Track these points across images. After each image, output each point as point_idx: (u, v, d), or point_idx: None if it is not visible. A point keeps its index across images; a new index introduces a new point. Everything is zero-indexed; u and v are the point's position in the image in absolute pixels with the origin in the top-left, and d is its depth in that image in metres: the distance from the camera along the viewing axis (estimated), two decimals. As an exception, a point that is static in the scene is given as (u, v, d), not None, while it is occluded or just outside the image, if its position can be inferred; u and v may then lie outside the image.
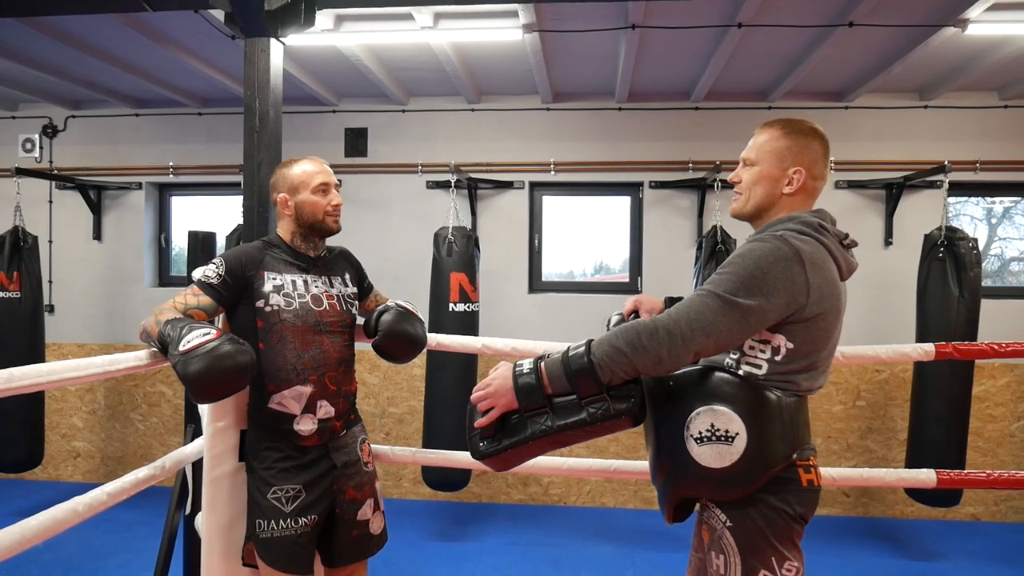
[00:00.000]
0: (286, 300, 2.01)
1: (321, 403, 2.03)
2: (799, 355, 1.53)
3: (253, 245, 2.11)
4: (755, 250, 1.50)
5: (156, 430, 5.24)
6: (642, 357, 1.45)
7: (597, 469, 2.46)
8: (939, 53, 3.90)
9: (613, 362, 1.46)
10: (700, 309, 1.46)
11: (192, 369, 1.63)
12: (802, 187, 1.64)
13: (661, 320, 1.47)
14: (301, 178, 2.10)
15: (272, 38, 2.76)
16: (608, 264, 5.39)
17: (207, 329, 1.74)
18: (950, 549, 4.23)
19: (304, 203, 2.09)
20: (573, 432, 1.52)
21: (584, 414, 1.50)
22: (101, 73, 4.56)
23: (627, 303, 1.99)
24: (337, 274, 2.19)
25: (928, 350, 2.24)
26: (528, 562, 3.98)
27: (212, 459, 1.98)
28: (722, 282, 1.47)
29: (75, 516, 1.47)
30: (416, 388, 4.99)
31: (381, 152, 5.06)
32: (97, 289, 5.31)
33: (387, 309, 2.23)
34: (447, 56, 4.01)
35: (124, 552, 3.92)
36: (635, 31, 3.57)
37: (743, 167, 1.73)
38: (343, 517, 2.08)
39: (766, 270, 1.46)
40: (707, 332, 1.45)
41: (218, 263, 1.99)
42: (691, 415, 1.52)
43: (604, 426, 1.51)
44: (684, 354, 1.45)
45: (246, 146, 2.77)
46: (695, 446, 1.51)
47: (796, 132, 1.66)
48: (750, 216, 1.71)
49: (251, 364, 1.73)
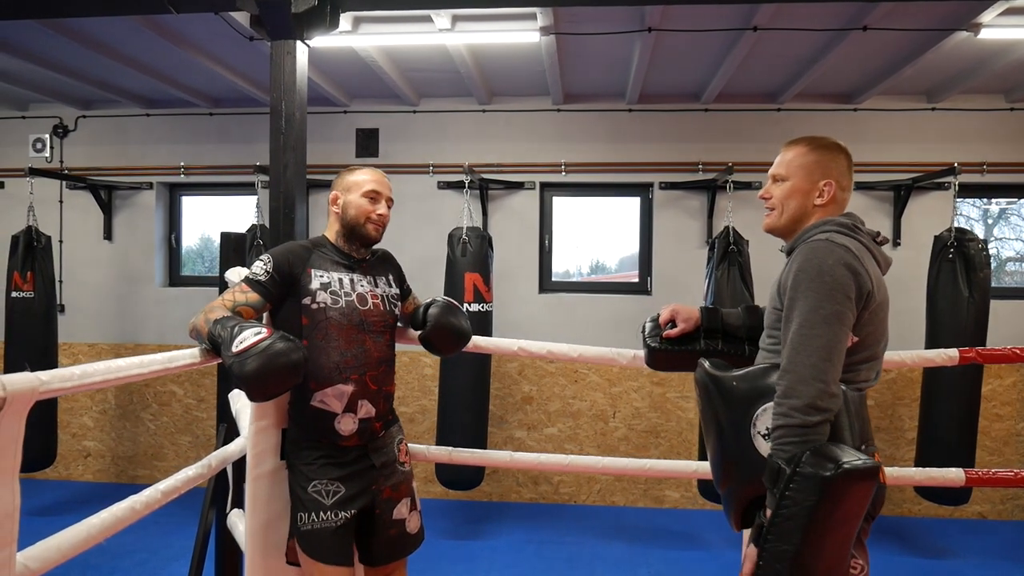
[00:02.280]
0: (333, 298, 2.04)
1: (362, 402, 2.05)
2: (863, 346, 1.60)
3: (299, 243, 2.14)
4: (809, 260, 1.56)
5: (167, 429, 5.26)
6: (798, 417, 1.48)
7: (605, 468, 2.47)
8: (950, 56, 3.94)
9: (787, 445, 1.49)
10: (804, 344, 1.52)
11: (248, 369, 1.66)
12: (832, 198, 1.73)
13: (784, 381, 1.52)
14: (356, 181, 2.14)
15: (298, 40, 2.78)
16: (617, 264, 5.42)
17: (258, 328, 1.76)
18: (958, 547, 4.28)
19: (351, 203, 2.12)
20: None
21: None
22: (113, 73, 4.58)
23: (664, 311, 2.07)
24: (381, 275, 2.22)
25: (952, 355, 2.28)
26: (542, 560, 4.01)
27: (254, 457, 2.00)
28: (802, 306, 1.54)
29: (134, 514, 1.51)
30: (427, 387, 5.02)
31: (392, 153, 5.08)
32: (107, 289, 5.32)
33: (434, 303, 2.27)
34: (462, 57, 4.04)
35: (140, 551, 3.94)
36: (650, 34, 3.60)
37: (773, 183, 1.80)
38: (381, 516, 2.10)
39: (831, 273, 1.53)
40: (827, 356, 1.50)
41: (266, 260, 2.02)
42: (757, 411, 1.57)
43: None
44: (826, 386, 1.49)
45: (272, 148, 2.80)
46: (763, 442, 1.56)
47: (822, 147, 1.76)
48: (784, 230, 1.79)
49: (303, 361, 1.75)
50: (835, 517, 1.41)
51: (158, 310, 5.28)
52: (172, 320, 5.21)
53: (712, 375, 1.69)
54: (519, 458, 2.31)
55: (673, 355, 2.04)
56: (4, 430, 1.02)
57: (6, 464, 1.05)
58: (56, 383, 1.16)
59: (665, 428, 4.91)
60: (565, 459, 2.28)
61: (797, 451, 1.45)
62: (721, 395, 1.65)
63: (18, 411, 1.05)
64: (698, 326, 2.02)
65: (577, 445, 4.97)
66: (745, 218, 4.62)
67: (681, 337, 2.02)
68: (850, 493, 1.40)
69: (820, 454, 1.42)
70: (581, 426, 4.97)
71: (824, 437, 1.49)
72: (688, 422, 4.89)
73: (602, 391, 4.95)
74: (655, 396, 4.92)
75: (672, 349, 2.03)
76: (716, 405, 1.66)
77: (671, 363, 2.08)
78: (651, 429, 4.92)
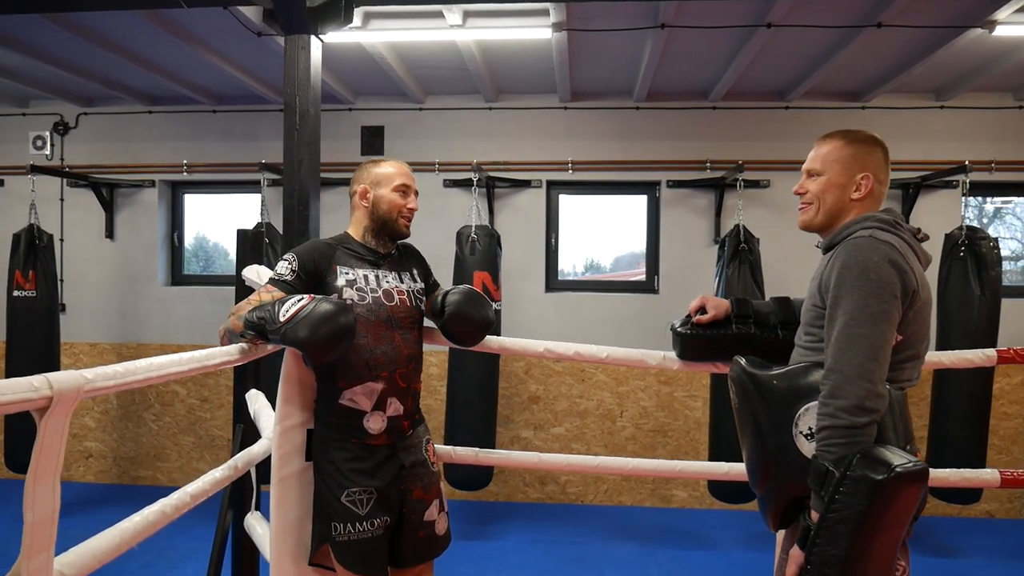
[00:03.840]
0: (359, 294, 2.00)
1: (391, 400, 2.02)
2: (907, 345, 1.57)
3: (322, 241, 2.11)
4: (854, 257, 1.53)
5: (169, 430, 5.20)
6: (845, 418, 1.45)
7: (612, 467, 2.44)
8: (961, 54, 3.93)
9: (833, 447, 1.46)
10: (851, 343, 1.49)
11: (302, 334, 1.68)
12: (870, 192, 1.68)
13: (830, 381, 1.49)
14: (385, 175, 2.11)
15: (312, 35, 2.75)
16: (614, 262, 5.40)
17: (298, 296, 1.77)
18: (966, 546, 4.27)
19: (382, 197, 2.09)
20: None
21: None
22: (116, 69, 4.52)
23: (694, 302, 2.05)
24: (406, 269, 2.18)
25: (991, 355, 2.25)
26: (551, 560, 3.98)
27: (280, 458, 1.95)
28: (846, 305, 1.51)
29: (164, 517, 1.48)
30: (432, 387, 4.98)
31: (398, 150, 5.04)
32: (109, 288, 5.26)
33: (452, 290, 2.20)
34: (471, 54, 4.01)
35: (146, 554, 3.89)
36: (663, 31, 3.58)
37: (808, 178, 1.76)
38: (410, 517, 2.06)
39: (877, 270, 1.50)
40: (873, 355, 1.48)
41: (290, 259, 1.98)
42: (799, 411, 1.54)
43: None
44: (874, 386, 1.46)
45: (286, 144, 2.76)
46: (805, 442, 1.53)
47: (858, 140, 1.72)
48: (821, 226, 1.75)
49: (352, 317, 1.81)
50: (885, 521, 1.39)
51: (161, 309, 5.22)
52: (175, 319, 5.16)
53: (750, 373, 1.65)
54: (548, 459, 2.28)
55: (705, 341, 2.02)
56: (50, 429, 1.00)
57: (49, 464, 1.02)
58: (100, 381, 1.13)
59: (672, 427, 4.89)
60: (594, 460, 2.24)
61: (844, 453, 1.43)
62: (760, 394, 1.61)
63: (64, 410, 1.02)
64: (728, 314, 2.01)
65: (584, 445, 4.94)
66: (755, 216, 4.61)
67: (712, 324, 2.01)
68: (901, 496, 1.38)
69: (871, 457, 1.40)
70: (588, 425, 4.94)
71: (871, 438, 1.46)
72: (695, 421, 4.87)
73: (609, 390, 4.93)
74: (662, 395, 4.90)
75: (704, 334, 2.01)
76: (754, 404, 1.62)
77: (703, 350, 2.06)
78: (658, 428, 4.90)
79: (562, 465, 2.35)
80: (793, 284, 3.16)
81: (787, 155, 4.70)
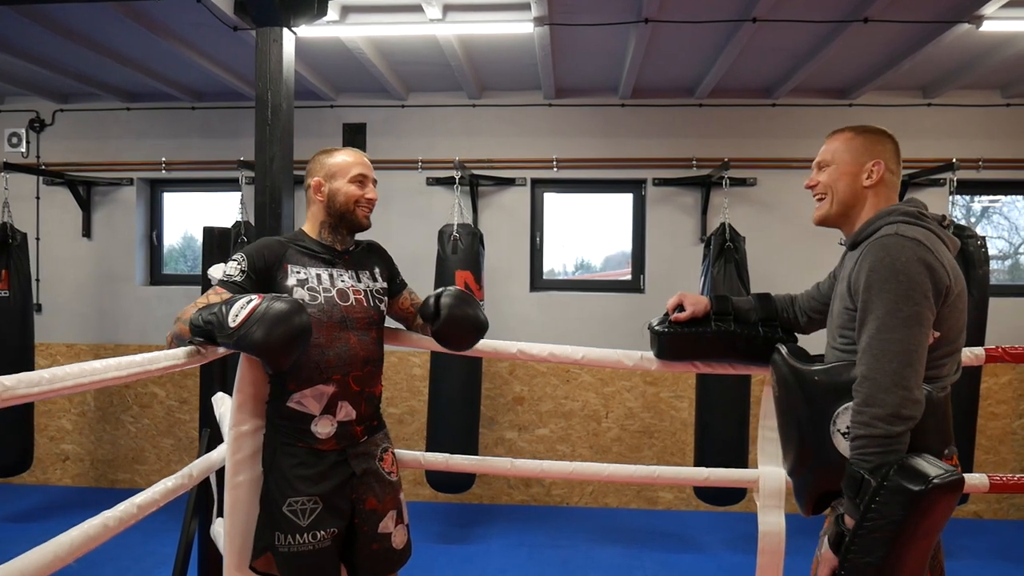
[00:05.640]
0: (311, 295, 1.91)
1: (342, 404, 1.93)
2: (945, 341, 1.53)
3: (274, 239, 2.02)
4: (881, 259, 1.50)
5: (148, 432, 5.11)
6: (881, 427, 1.43)
7: (612, 475, 2.38)
8: (948, 51, 3.89)
9: (869, 456, 1.45)
10: (884, 349, 1.46)
11: (257, 337, 1.59)
12: (881, 179, 1.67)
13: (864, 389, 1.47)
14: (340, 165, 2.01)
15: (284, 28, 2.67)
16: (605, 262, 5.34)
17: (247, 297, 1.68)
18: (955, 547, 4.22)
19: (338, 190, 1.99)
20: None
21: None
22: (92, 64, 4.43)
23: (672, 299, 2.01)
24: (365, 268, 2.08)
25: (978, 354, 2.19)
26: (535, 565, 3.92)
27: (234, 464, 1.87)
28: (877, 309, 1.48)
29: (107, 531, 1.38)
30: (416, 388, 4.91)
31: (380, 148, 4.96)
32: (86, 288, 5.16)
33: (445, 291, 2.08)
34: (452, 49, 3.93)
35: (122, 558, 3.81)
36: (647, 25, 3.52)
37: (818, 171, 1.76)
38: (362, 528, 1.97)
39: (906, 271, 1.47)
40: (908, 360, 1.45)
41: (239, 259, 1.89)
42: (838, 409, 1.54)
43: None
44: (909, 392, 1.44)
45: (257, 140, 2.69)
46: (842, 440, 1.53)
47: (868, 131, 1.73)
48: (837, 217, 1.73)
49: (307, 316, 1.72)
50: (920, 531, 1.39)
51: (139, 309, 5.13)
52: (153, 320, 5.07)
53: (793, 367, 1.64)
54: (520, 465, 2.19)
55: (683, 339, 1.97)
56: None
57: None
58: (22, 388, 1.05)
59: (659, 428, 4.84)
60: (569, 466, 2.17)
61: (880, 461, 1.42)
62: (801, 388, 1.62)
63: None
64: (707, 311, 1.97)
65: (569, 446, 4.88)
66: (741, 214, 4.55)
67: (690, 321, 1.96)
68: (937, 507, 1.38)
69: (907, 468, 1.39)
70: (573, 427, 4.88)
71: (907, 446, 1.44)
72: (682, 422, 4.81)
73: (594, 391, 4.87)
74: (648, 396, 4.84)
75: (682, 332, 1.96)
76: (795, 397, 1.63)
77: (682, 349, 2.00)
78: (644, 429, 4.84)
79: (535, 471, 2.27)
80: (779, 282, 3.11)
81: (774, 153, 4.65)
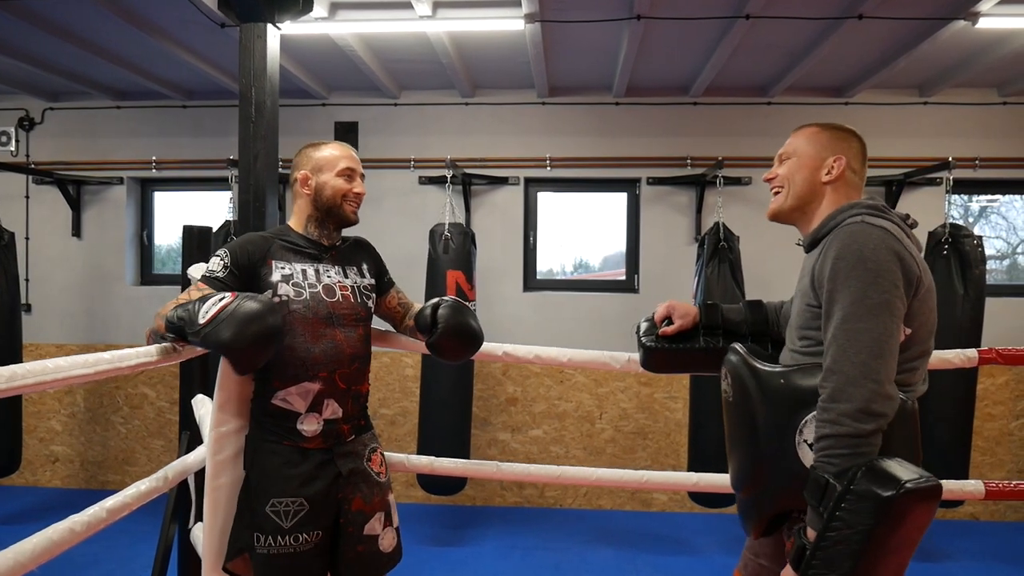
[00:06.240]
0: (296, 290, 1.88)
1: (328, 402, 1.89)
2: (917, 340, 1.43)
3: (258, 234, 1.98)
4: (848, 246, 1.40)
5: (138, 433, 5.07)
6: (849, 425, 1.31)
7: (599, 480, 2.33)
8: (944, 48, 3.85)
9: (835, 458, 1.32)
10: (851, 339, 1.35)
11: (224, 336, 1.55)
12: (842, 176, 1.59)
13: (831, 383, 1.35)
14: (327, 159, 1.98)
15: (269, 24, 2.63)
16: (602, 262, 5.30)
17: (220, 295, 1.64)
18: (952, 549, 4.19)
19: (325, 184, 1.96)
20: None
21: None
22: (81, 63, 4.38)
23: (659, 309, 1.90)
24: (352, 264, 2.05)
25: (971, 356, 2.15)
26: (528, 568, 3.88)
27: (215, 466, 1.83)
28: (843, 298, 1.37)
29: (73, 536, 1.34)
30: (408, 389, 4.87)
31: (372, 147, 4.92)
32: (76, 288, 5.12)
33: (442, 302, 2.04)
34: (444, 47, 3.89)
35: (107, 561, 3.76)
36: (639, 22, 3.47)
37: (779, 164, 1.68)
38: (347, 529, 1.92)
39: (874, 258, 1.37)
40: (878, 351, 1.33)
41: (223, 255, 1.86)
42: (806, 417, 1.40)
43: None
44: (880, 386, 1.32)
45: (241, 137, 2.64)
46: (808, 452, 1.38)
47: (834, 128, 1.66)
48: (791, 211, 1.64)
49: (279, 317, 1.68)
50: (892, 543, 1.24)
51: (129, 309, 5.09)
52: (144, 320, 4.95)
53: (752, 367, 1.50)
54: (506, 469, 2.16)
55: (671, 354, 1.85)
56: None
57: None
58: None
59: (653, 429, 4.80)
60: (556, 470, 2.13)
61: (848, 464, 1.28)
62: (763, 392, 1.46)
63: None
64: (696, 323, 1.84)
65: (563, 447, 4.84)
66: (735, 214, 4.51)
67: (678, 335, 1.84)
68: (911, 515, 1.23)
69: (877, 470, 1.25)
70: (567, 428, 4.84)
71: (878, 448, 1.31)
72: (676, 423, 4.77)
73: (588, 392, 4.83)
74: (642, 397, 4.80)
75: (669, 348, 1.84)
76: (753, 402, 1.47)
77: (669, 363, 1.89)
78: (638, 431, 4.80)
79: (521, 475, 2.23)
80: (773, 282, 3.08)
81: (769, 151, 4.54)
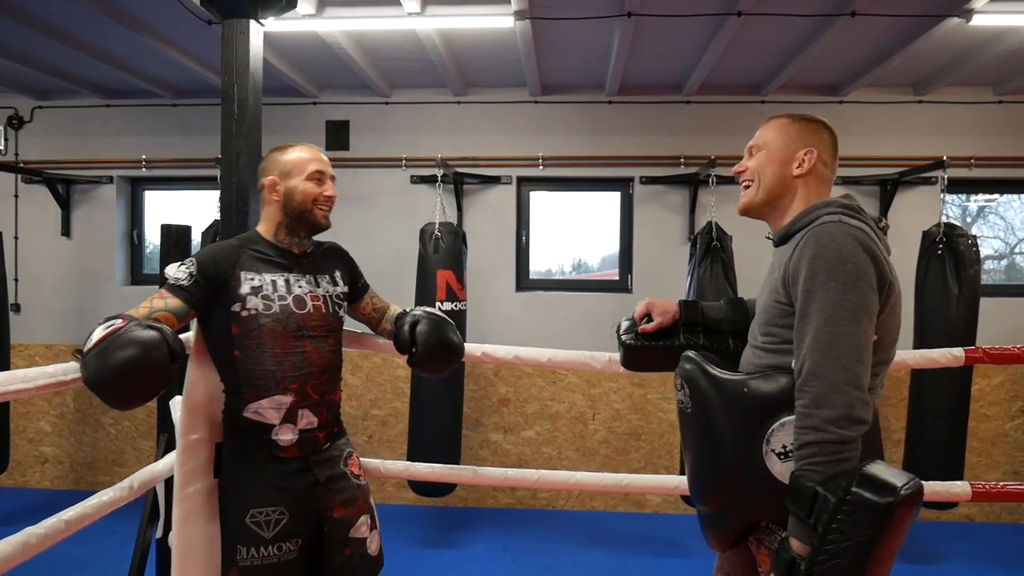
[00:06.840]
0: (265, 303, 1.83)
1: (302, 412, 1.85)
2: (882, 345, 1.40)
3: (228, 243, 1.93)
4: (826, 245, 1.36)
5: (128, 435, 5.03)
6: (833, 432, 1.27)
7: (579, 484, 2.29)
8: (938, 46, 3.82)
9: (819, 465, 1.28)
10: (833, 344, 1.30)
11: (89, 373, 1.44)
12: (813, 169, 1.55)
13: (813, 388, 1.30)
14: (295, 163, 1.92)
15: (251, 20, 2.59)
16: (594, 261, 5.26)
17: (112, 321, 1.54)
18: (948, 551, 4.16)
19: (295, 189, 1.90)
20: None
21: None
22: (70, 61, 4.35)
23: (638, 307, 1.86)
24: (325, 272, 2.00)
25: (957, 355, 2.11)
26: (520, 570, 3.84)
27: (184, 475, 1.79)
28: (823, 300, 1.33)
29: (27, 548, 1.28)
30: (400, 390, 4.83)
31: (364, 146, 4.89)
32: (66, 287, 5.08)
33: (419, 319, 2.01)
34: (433, 44, 3.86)
35: (94, 563, 3.73)
36: (630, 19, 3.44)
37: (748, 156, 1.64)
38: (331, 536, 1.90)
39: (853, 259, 1.34)
40: (860, 357, 1.30)
41: (189, 263, 1.81)
42: (773, 426, 1.35)
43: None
44: (862, 392, 1.29)
45: (224, 135, 2.60)
46: (777, 462, 1.34)
47: (804, 119, 1.62)
48: (761, 205, 1.60)
49: (163, 354, 1.51)
50: (888, 550, 1.21)
51: (119, 309, 4.94)
52: (134, 320, 4.98)
53: (711, 376, 1.44)
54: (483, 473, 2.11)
55: (650, 352, 1.80)
56: None
57: None
58: None
59: (646, 430, 4.76)
60: (534, 474, 2.09)
61: (833, 472, 1.25)
62: (723, 401, 1.41)
63: None
64: (676, 320, 1.79)
65: (555, 448, 4.80)
66: (728, 213, 4.47)
67: (658, 332, 1.80)
68: (904, 521, 1.21)
69: (870, 478, 1.21)
70: (559, 428, 4.80)
71: (859, 454, 1.28)
72: (670, 424, 4.73)
73: (581, 392, 4.79)
74: (635, 397, 4.76)
75: (648, 345, 1.80)
76: (713, 411, 1.42)
77: (648, 362, 1.84)
78: (632, 432, 4.76)
79: (499, 479, 2.19)
80: (763, 283, 3.05)
81: (763, 150, 4.56)
